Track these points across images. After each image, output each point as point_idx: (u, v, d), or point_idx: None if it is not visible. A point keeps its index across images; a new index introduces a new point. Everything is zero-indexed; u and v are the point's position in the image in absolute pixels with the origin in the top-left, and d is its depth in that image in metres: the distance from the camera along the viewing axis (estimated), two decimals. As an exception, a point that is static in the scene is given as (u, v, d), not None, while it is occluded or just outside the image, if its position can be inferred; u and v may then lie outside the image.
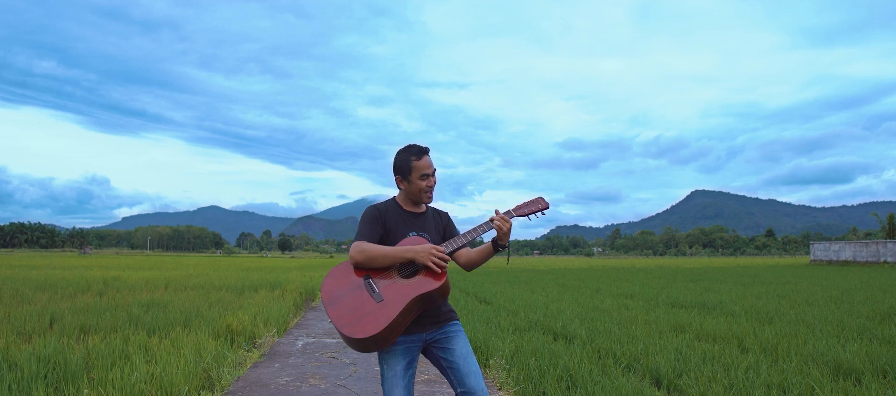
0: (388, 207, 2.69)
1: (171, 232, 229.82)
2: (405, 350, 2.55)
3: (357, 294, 2.43)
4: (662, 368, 5.09)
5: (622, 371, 5.19)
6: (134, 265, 32.95)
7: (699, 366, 5.18)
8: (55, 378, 4.47)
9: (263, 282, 16.71)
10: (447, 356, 2.57)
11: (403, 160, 2.63)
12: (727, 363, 5.34)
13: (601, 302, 11.56)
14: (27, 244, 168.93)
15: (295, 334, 7.97)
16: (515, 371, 5.06)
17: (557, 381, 4.71)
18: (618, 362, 5.51)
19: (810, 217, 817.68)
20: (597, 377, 4.72)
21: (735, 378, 4.74)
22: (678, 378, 4.90)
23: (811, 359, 5.52)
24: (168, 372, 4.43)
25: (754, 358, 5.51)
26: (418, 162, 2.60)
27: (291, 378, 5.15)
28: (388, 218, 2.64)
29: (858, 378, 4.93)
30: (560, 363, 5.13)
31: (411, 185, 2.63)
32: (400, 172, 2.65)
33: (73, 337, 6.43)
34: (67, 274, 19.06)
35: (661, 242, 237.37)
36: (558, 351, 5.77)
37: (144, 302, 10.15)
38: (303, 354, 6.40)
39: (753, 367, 5.13)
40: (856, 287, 16.26)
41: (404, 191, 2.68)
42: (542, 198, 2.67)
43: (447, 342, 2.60)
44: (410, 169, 2.61)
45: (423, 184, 2.62)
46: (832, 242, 50.09)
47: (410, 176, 2.62)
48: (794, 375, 4.78)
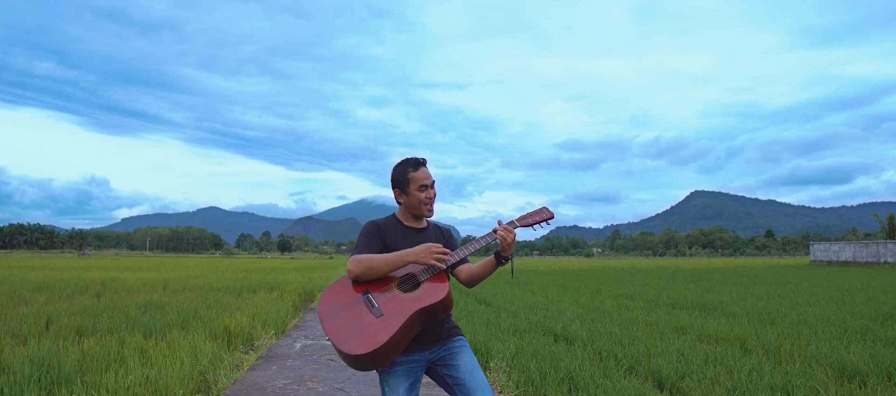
0: (387, 223, 2.60)
1: (170, 234, 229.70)
2: (407, 371, 2.44)
3: (356, 309, 2.33)
4: (664, 370, 5.03)
5: (624, 373, 5.13)
6: (133, 266, 32.87)
7: (702, 368, 5.12)
8: (48, 381, 4.40)
9: (262, 284, 16.64)
10: (452, 373, 2.47)
11: (400, 173, 2.56)
12: (730, 365, 5.28)
13: (602, 303, 11.50)
14: (26, 245, 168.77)
15: (293, 336, 7.90)
16: (516, 374, 5.00)
17: (559, 384, 4.64)
18: (619, 364, 5.44)
19: (810, 217, 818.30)
20: (598, 379, 4.66)
21: (738, 381, 4.68)
22: (681, 381, 4.84)
23: (815, 361, 5.46)
24: (163, 375, 4.36)
25: (757, 360, 5.45)
26: (415, 173, 2.54)
27: (289, 381, 5.08)
28: (388, 233, 2.56)
29: (863, 380, 4.86)
30: (561, 365, 5.06)
31: (410, 198, 2.56)
32: (398, 185, 2.58)
33: (69, 340, 6.37)
34: (65, 276, 18.99)
35: (661, 243, 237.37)
36: (559, 353, 5.71)
37: (142, 304, 10.08)
38: (301, 356, 6.33)
39: (757, 369, 5.06)
40: (857, 287, 16.20)
41: (404, 205, 2.60)
42: (547, 208, 2.59)
43: (451, 358, 2.49)
44: (408, 181, 2.54)
45: (422, 195, 2.54)
46: (832, 243, 50.04)
47: (408, 188, 2.55)
48: (799, 377, 4.72)
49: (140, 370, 4.57)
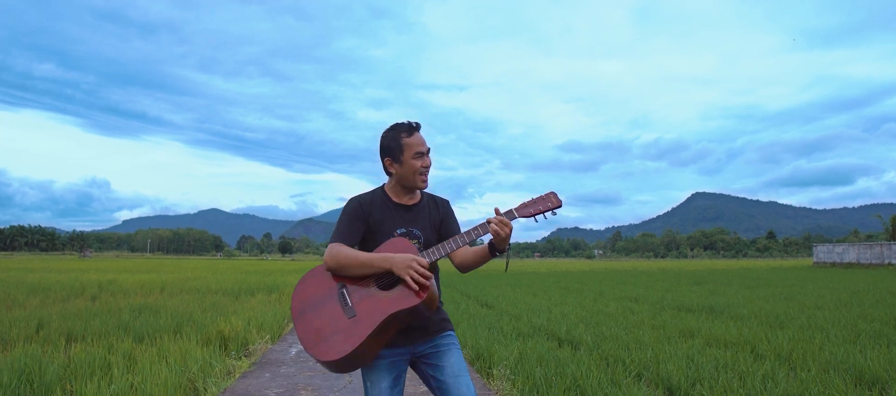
0: (374, 199, 2.30)
1: (171, 235, 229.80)
2: (390, 366, 2.21)
3: (328, 306, 2.07)
4: (674, 377, 4.82)
5: (632, 380, 4.91)
6: (132, 268, 32.69)
7: (713, 375, 4.91)
8: (28, 390, 4.18)
9: (261, 286, 16.46)
10: (437, 374, 2.21)
11: (392, 139, 2.25)
12: (742, 371, 5.07)
13: (605, 306, 11.28)
14: (27, 247, 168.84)
15: (289, 340, 7.69)
16: (520, 381, 4.78)
17: (565, 392, 4.43)
18: (627, 370, 5.22)
19: (811, 219, 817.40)
20: (607, 387, 4.44)
21: (752, 388, 4.47)
22: (691, 388, 4.62)
23: (830, 367, 5.24)
24: (149, 383, 4.15)
25: (770, 366, 5.23)
26: (409, 139, 2.24)
27: (281, 390, 4.85)
28: (374, 211, 2.26)
29: (883, 387, 4.65)
30: (567, 371, 4.85)
31: (404, 167, 2.24)
32: (389, 153, 2.26)
33: (57, 345, 6.15)
34: (63, 278, 18.80)
35: (662, 244, 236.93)
36: (564, 359, 5.49)
37: (137, 307, 9.88)
38: (296, 363, 6.11)
39: (770, 376, 4.85)
40: (864, 290, 15.96)
41: (396, 175, 2.28)
42: (554, 194, 2.19)
43: (437, 357, 2.24)
44: (402, 147, 2.23)
45: (418, 164, 2.23)
46: (835, 244, 49.74)
47: (402, 156, 2.23)
48: (815, 384, 4.50)
49: (126, 377, 4.36)
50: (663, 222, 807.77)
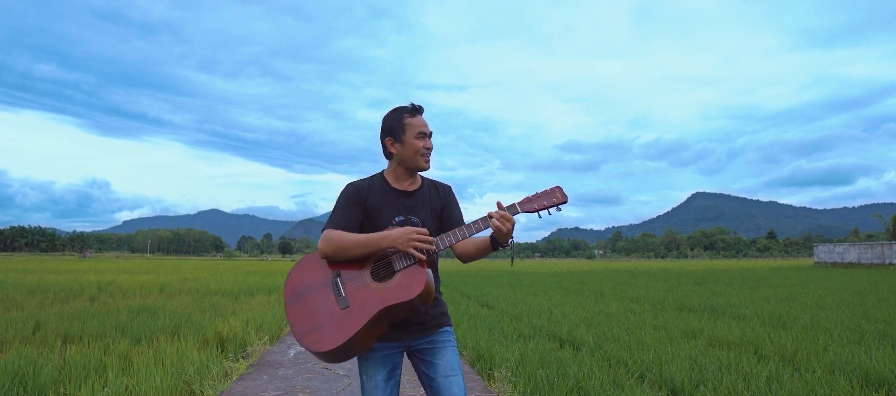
0: (372, 184, 2.21)
1: (171, 236, 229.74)
2: (385, 358, 2.15)
3: (321, 294, 2.01)
4: (677, 378, 4.75)
5: (635, 381, 4.84)
6: (131, 269, 32.63)
7: (716, 376, 4.84)
8: (21, 393, 4.12)
9: (260, 287, 16.40)
10: (429, 371, 2.16)
11: (395, 119, 2.17)
12: (746, 372, 5.00)
13: (606, 307, 11.21)
14: (28, 247, 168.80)
15: (288, 342, 7.63)
16: (522, 384, 4.71)
17: (567, 394, 4.36)
18: (630, 372, 5.16)
19: (811, 219, 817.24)
20: (610, 389, 4.38)
21: (756, 390, 4.40)
22: (695, 390, 4.56)
23: (835, 368, 5.17)
24: (144, 386, 4.09)
25: (774, 368, 5.16)
26: (412, 119, 2.17)
27: (279, 393, 4.78)
28: (372, 196, 2.17)
29: (890, 388, 4.59)
30: (569, 373, 4.78)
31: (406, 147, 2.16)
32: (391, 133, 2.17)
33: (53, 347, 6.09)
34: (62, 279, 18.73)
35: (663, 244, 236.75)
36: (566, 360, 5.43)
37: (135, 308, 9.82)
38: (294, 364, 6.05)
39: (775, 377, 4.78)
40: (865, 290, 15.88)
41: (397, 156, 2.19)
42: (560, 188, 2.10)
43: (432, 354, 2.17)
44: (404, 127, 2.15)
45: (420, 144, 2.15)
46: (836, 244, 49.65)
47: (405, 136, 2.15)
48: (820, 386, 4.43)
49: (121, 380, 4.29)
50: (664, 222, 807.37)
